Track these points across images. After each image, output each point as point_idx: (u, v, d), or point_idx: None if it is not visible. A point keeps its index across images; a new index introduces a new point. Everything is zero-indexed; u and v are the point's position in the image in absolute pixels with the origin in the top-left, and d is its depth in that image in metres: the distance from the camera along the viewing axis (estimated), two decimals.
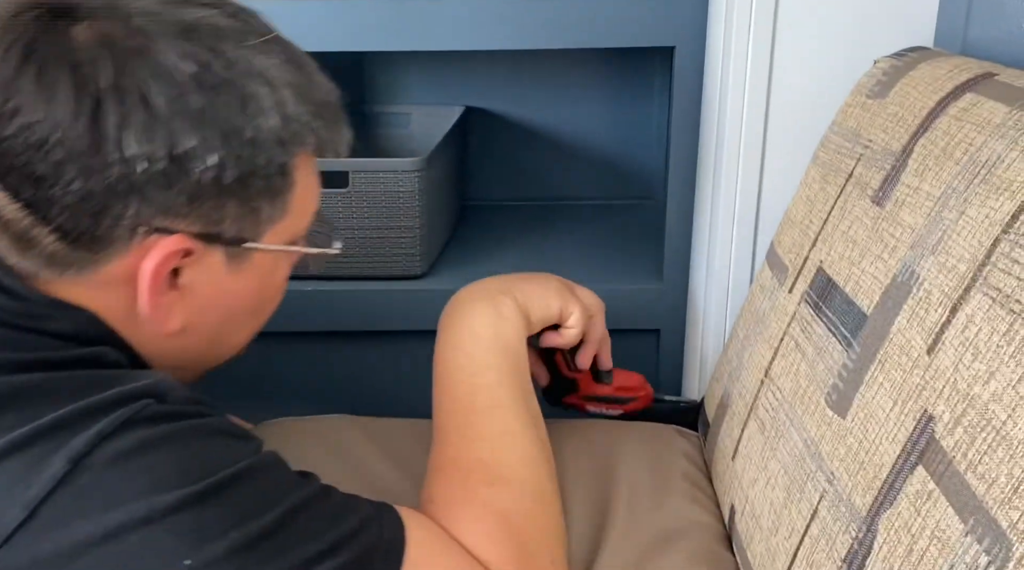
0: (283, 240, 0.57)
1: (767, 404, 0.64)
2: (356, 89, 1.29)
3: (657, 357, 1.04)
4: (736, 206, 0.88)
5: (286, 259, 0.60)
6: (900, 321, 0.49)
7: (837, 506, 0.50)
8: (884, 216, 0.56)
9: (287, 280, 0.63)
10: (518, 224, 1.24)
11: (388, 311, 1.02)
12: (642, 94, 1.29)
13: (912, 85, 0.61)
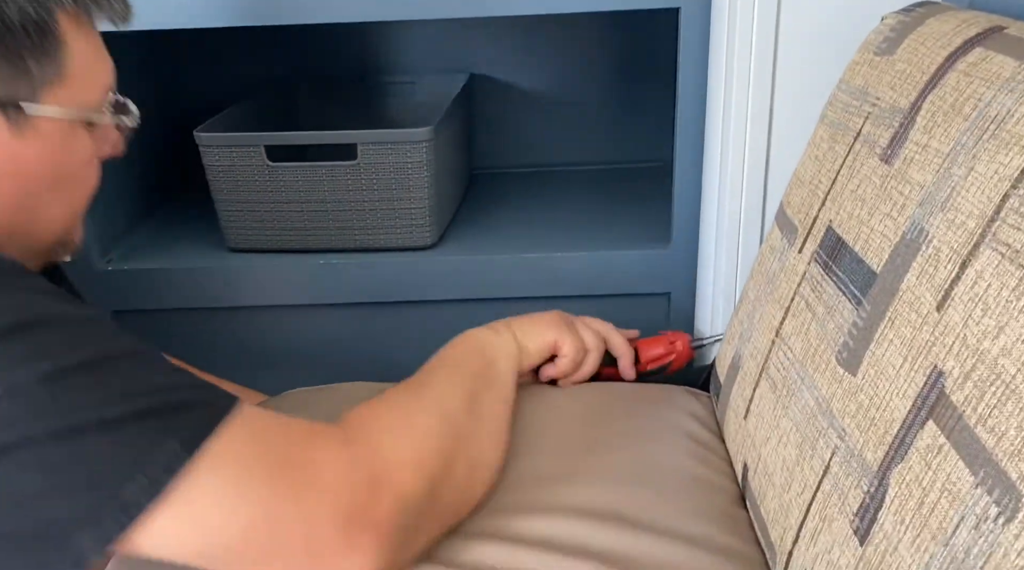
0: (68, 108, 0.58)
1: (778, 363, 0.65)
2: (361, 59, 1.29)
3: (668, 320, 1.05)
4: (744, 167, 0.88)
5: (81, 131, 0.61)
6: (909, 278, 0.50)
7: (849, 462, 0.51)
8: (893, 174, 0.56)
9: (96, 162, 0.64)
10: (526, 191, 1.24)
11: (400, 282, 1.03)
12: (647, 56, 1.28)
13: (920, 41, 0.60)
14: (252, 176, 1.00)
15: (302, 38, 1.28)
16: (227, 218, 1.04)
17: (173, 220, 1.18)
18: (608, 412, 0.79)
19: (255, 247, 1.05)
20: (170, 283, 1.04)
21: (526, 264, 1.02)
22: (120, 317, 1.06)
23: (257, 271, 1.03)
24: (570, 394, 0.83)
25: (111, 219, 1.09)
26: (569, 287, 1.03)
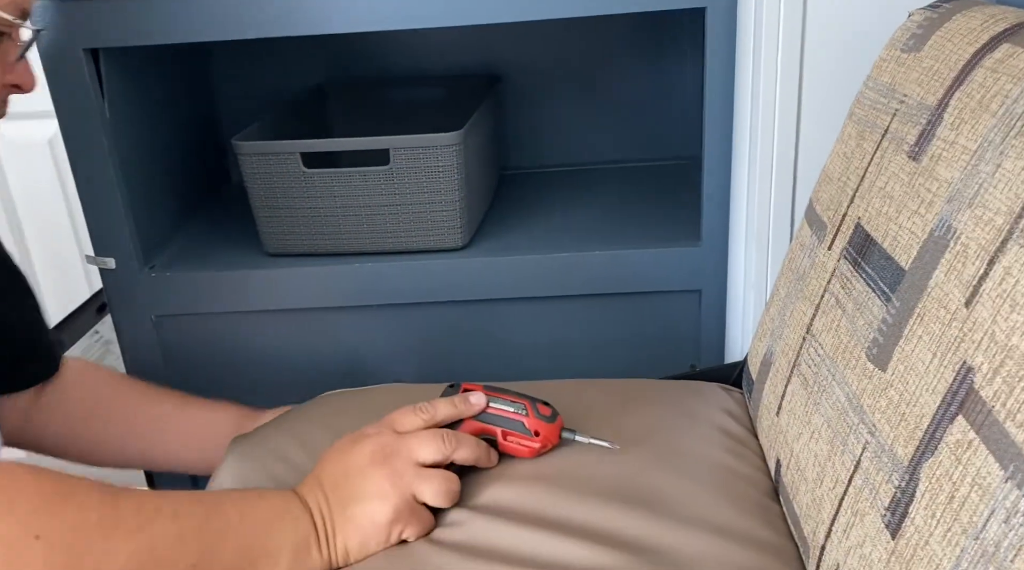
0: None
1: (809, 360, 0.66)
2: (391, 65, 1.31)
3: (699, 317, 1.05)
4: (773, 164, 0.88)
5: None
6: (938, 275, 0.50)
7: (879, 457, 0.52)
8: (920, 171, 0.56)
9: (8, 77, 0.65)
10: (555, 191, 1.26)
11: (432, 283, 1.05)
12: (674, 55, 1.28)
13: (947, 37, 0.61)
14: (288, 182, 1.02)
15: (333, 45, 1.30)
16: (264, 224, 1.06)
17: (212, 227, 1.21)
18: (641, 405, 0.80)
19: (292, 251, 1.07)
20: (210, 288, 1.07)
21: (557, 263, 1.04)
22: (162, 322, 1.09)
23: (294, 275, 1.05)
24: (603, 388, 0.84)
25: (153, 227, 1.12)
26: (600, 285, 1.04)
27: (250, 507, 0.60)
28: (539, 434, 0.69)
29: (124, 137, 1.05)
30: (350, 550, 0.61)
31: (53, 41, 0.96)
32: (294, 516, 0.60)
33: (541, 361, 1.10)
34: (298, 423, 0.83)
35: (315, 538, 0.60)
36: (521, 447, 0.70)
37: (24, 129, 1.38)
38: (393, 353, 1.10)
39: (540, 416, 0.70)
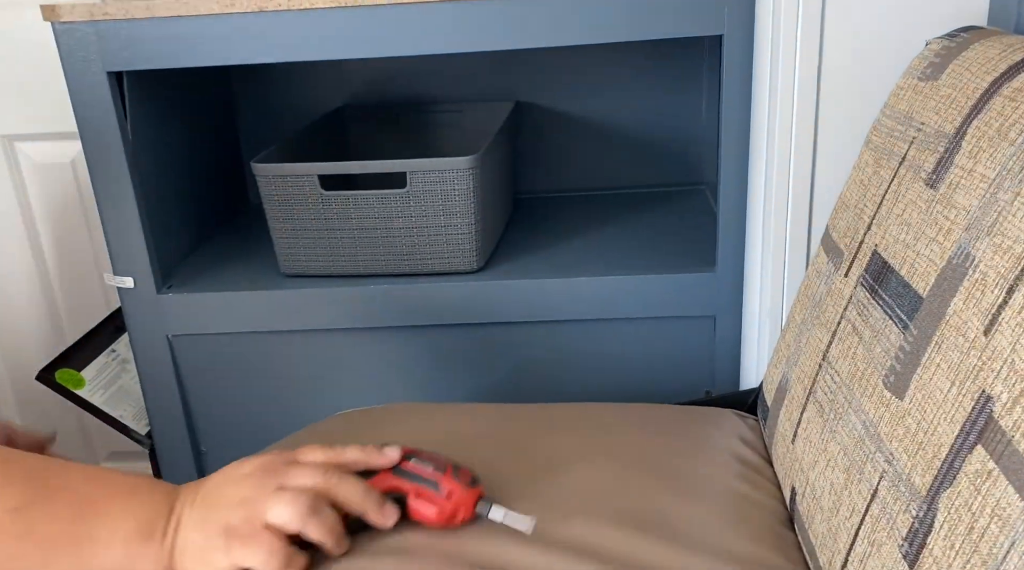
0: None
1: (825, 387, 0.65)
2: (409, 89, 1.32)
3: (714, 343, 1.05)
4: (790, 191, 0.88)
5: None
6: (956, 303, 0.50)
7: (897, 486, 0.51)
8: (938, 199, 0.56)
9: None
10: (570, 215, 1.26)
11: (447, 306, 1.05)
12: (690, 81, 1.29)
13: (965, 66, 0.61)
14: (306, 204, 1.03)
15: (353, 70, 1.32)
16: (281, 245, 1.07)
17: (229, 247, 1.22)
18: (655, 430, 0.80)
19: (308, 273, 1.08)
20: (226, 308, 1.07)
21: (571, 288, 1.04)
22: (178, 341, 1.10)
23: (309, 296, 1.06)
24: (617, 411, 0.84)
25: (171, 247, 1.13)
26: (614, 310, 1.04)
27: (104, 475, 0.59)
28: (452, 496, 0.64)
29: (145, 158, 1.06)
30: (185, 548, 0.57)
31: (79, 64, 0.97)
32: (148, 499, 0.58)
33: (554, 384, 1.10)
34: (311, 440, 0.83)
35: (162, 526, 0.57)
36: (430, 508, 0.64)
37: (48, 150, 1.40)
38: (407, 374, 1.10)
39: (458, 479, 0.65)
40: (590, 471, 0.72)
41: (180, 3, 0.94)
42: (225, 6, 0.93)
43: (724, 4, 0.89)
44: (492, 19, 0.92)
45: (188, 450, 1.15)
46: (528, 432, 0.80)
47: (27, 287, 1.50)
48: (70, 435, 1.58)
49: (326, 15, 0.93)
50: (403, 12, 0.92)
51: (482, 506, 0.65)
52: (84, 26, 0.96)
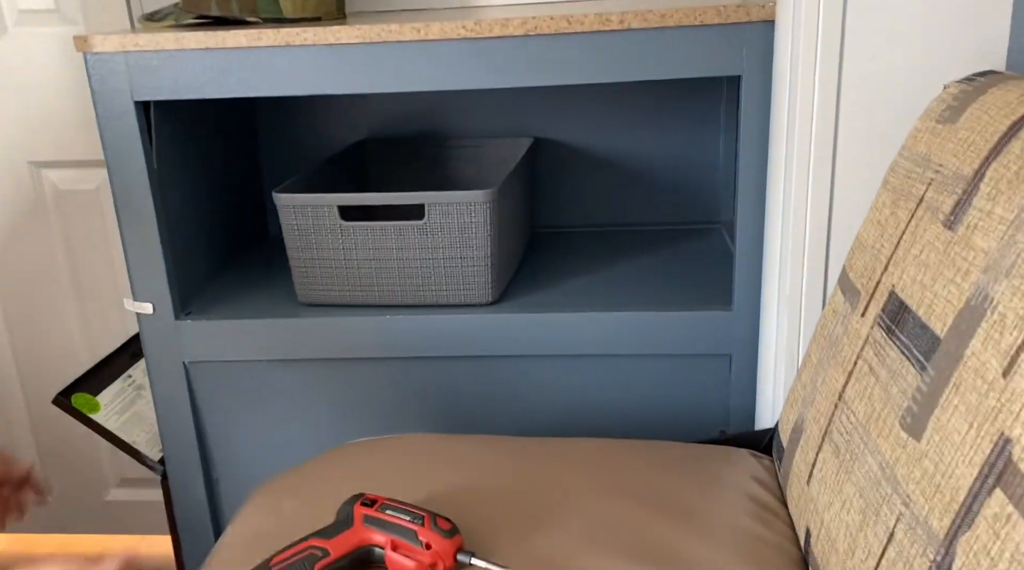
0: None
1: (841, 427, 0.65)
2: (430, 123, 1.34)
3: (729, 382, 1.04)
4: (807, 231, 0.88)
5: None
6: (974, 344, 0.50)
7: (914, 529, 0.51)
8: (956, 240, 0.56)
9: None
10: (586, 250, 1.26)
11: (461, 337, 1.05)
12: (708, 120, 1.30)
13: (983, 110, 0.61)
14: (325, 234, 1.04)
15: (374, 104, 1.34)
16: (300, 274, 1.08)
17: (248, 276, 1.23)
18: (669, 468, 0.79)
19: (325, 302, 1.09)
20: (243, 335, 1.08)
21: (585, 322, 1.04)
22: (195, 368, 1.10)
23: (325, 325, 1.07)
24: (630, 448, 0.83)
25: (191, 274, 1.14)
26: (628, 346, 1.04)
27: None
28: (431, 548, 0.63)
29: (169, 186, 1.08)
30: None
31: (108, 93, 1.00)
32: None
33: (567, 419, 1.09)
34: (322, 469, 0.84)
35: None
36: (409, 561, 0.63)
37: (73, 177, 1.43)
38: (420, 404, 1.10)
39: (437, 529, 0.64)
40: (602, 507, 0.72)
41: (209, 36, 0.96)
42: (253, 40, 0.96)
43: (743, 44, 0.91)
44: (512, 57, 0.93)
45: (200, 477, 1.15)
46: (540, 466, 0.80)
47: (47, 311, 1.51)
48: (83, 461, 1.59)
49: (351, 51, 0.95)
50: (425, 49, 0.94)
51: (463, 556, 0.64)
52: (115, 57, 0.98)
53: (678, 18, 0.90)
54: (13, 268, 1.49)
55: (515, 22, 0.92)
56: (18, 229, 1.47)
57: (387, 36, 0.94)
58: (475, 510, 0.72)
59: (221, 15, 1.06)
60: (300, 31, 0.95)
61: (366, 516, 0.66)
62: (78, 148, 1.41)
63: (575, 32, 0.92)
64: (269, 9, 1.05)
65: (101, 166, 1.41)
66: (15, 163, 1.43)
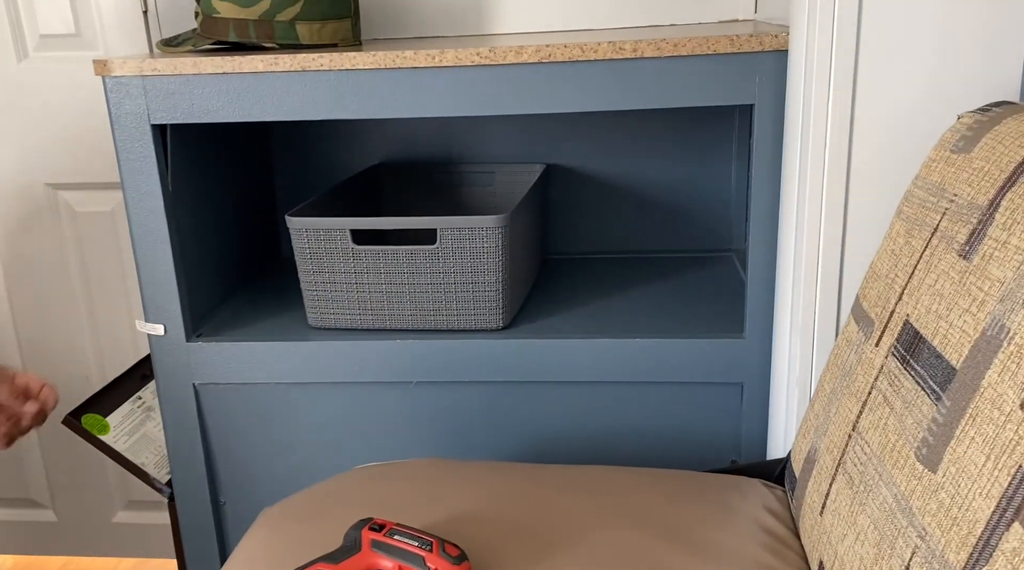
0: None
1: (855, 458, 0.64)
2: (443, 149, 1.35)
3: (740, 411, 1.04)
4: (820, 259, 0.88)
5: None
6: (991, 375, 0.49)
7: (930, 562, 0.50)
8: (971, 270, 0.56)
9: None
10: (597, 277, 1.26)
11: (472, 363, 1.05)
12: (719, 148, 1.31)
13: (998, 139, 0.61)
14: (337, 258, 1.05)
15: (387, 129, 1.35)
16: (311, 297, 1.08)
17: (259, 299, 1.24)
18: (680, 498, 0.78)
19: (335, 326, 1.09)
20: (253, 358, 1.08)
21: (596, 349, 1.03)
22: (205, 390, 1.10)
23: (336, 349, 1.07)
24: (640, 476, 0.82)
25: (203, 296, 1.15)
26: (639, 373, 1.03)
27: None
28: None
29: (183, 209, 1.09)
30: None
31: (126, 116, 1.01)
32: None
33: (577, 446, 1.08)
34: (331, 493, 0.83)
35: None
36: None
37: (89, 198, 1.44)
38: (429, 429, 1.10)
39: (445, 555, 0.63)
40: (612, 536, 0.71)
41: (226, 61, 0.97)
42: (269, 65, 0.97)
43: (756, 73, 0.91)
44: (526, 83, 0.94)
45: (207, 500, 1.14)
46: (550, 493, 0.79)
47: (60, 331, 1.52)
48: (91, 482, 1.59)
49: (366, 76, 0.96)
50: (440, 75, 0.95)
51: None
52: (133, 80, 0.99)
53: (691, 47, 0.91)
54: (28, 288, 1.50)
55: (529, 49, 0.93)
56: (34, 250, 1.48)
57: (402, 62, 0.95)
58: (484, 537, 0.71)
59: (238, 41, 1.08)
60: (316, 57, 0.96)
61: (374, 541, 0.66)
62: (94, 170, 1.42)
63: (589, 60, 0.92)
64: (286, 35, 1.07)
65: (117, 188, 1.43)
66: (33, 184, 1.44)
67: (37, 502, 1.62)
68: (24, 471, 1.60)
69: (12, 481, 1.61)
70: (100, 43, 1.37)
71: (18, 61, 1.38)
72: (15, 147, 1.42)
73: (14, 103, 1.40)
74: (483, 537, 0.71)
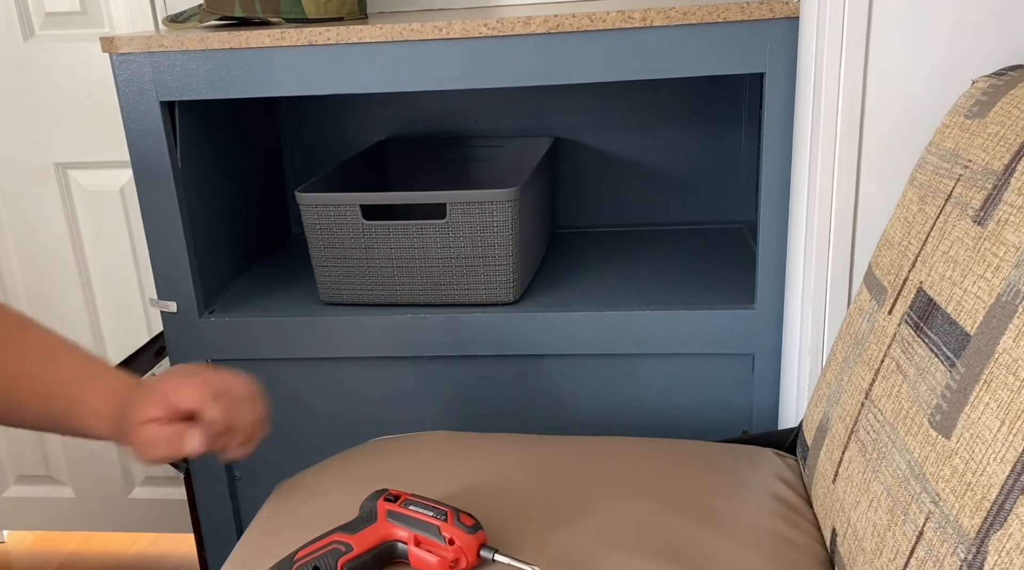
0: None
1: (868, 426, 0.64)
2: (451, 123, 1.34)
3: (752, 381, 1.04)
4: (832, 228, 0.87)
5: None
6: (1006, 341, 0.49)
7: (944, 528, 0.50)
8: (986, 236, 0.55)
9: None
10: (607, 250, 1.26)
11: (483, 336, 1.05)
12: (729, 119, 1.29)
13: (1013, 104, 0.60)
14: (347, 233, 1.05)
15: (397, 103, 1.34)
16: (322, 273, 1.08)
17: (271, 275, 1.24)
18: (692, 468, 0.79)
19: (347, 301, 1.09)
20: (266, 334, 1.09)
21: (607, 321, 1.03)
22: (219, 365, 1.11)
23: (348, 324, 1.07)
24: (653, 447, 0.83)
25: (215, 273, 1.15)
26: (649, 345, 1.04)
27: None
28: (454, 543, 0.63)
29: (193, 186, 1.09)
30: None
31: (134, 93, 1.01)
32: None
33: (590, 418, 1.09)
34: (346, 466, 0.84)
35: None
36: (432, 557, 0.63)
37: (99, 177, 1.44)
38: (441, 403, 1.10)
39: (460, 525, 0.64)
40: (625, 505, 0.71)
41: (233, 36, 0.97)
42: (276, 39, 0.96)
43: (767, 41, 0.90)
44: (533, 55, 0.93)
45: (223, 476, 1.15)
46: (563, 464, 0.80)
47: (72, 310, 1.53)
48: (108, 459, 1.60)
49: (373, 50, 0.96)
50: (447, 47, 0.94)
51: (486, 552, 0.64)
52: (140, 57, 0.99)
53: (701, 15, 0.90)
54: (40, 267, 1.51)
55: (537, 20, 0.92)
56: (45, 228, 1.49)
57: (409, 35, 0.94)
58: (498, 507, 0.72)
59: (244, 16, 1.07)
60: (323, 31, 0.95)
61: (389, 511, 0.67)
62: (104, 149, 1.43)
63: (597, 30, 0.91)
64: (291, 9, 1.06)
65: (126, 166, 1.43)
66: (42, 164, 1.45)
67: (56, 479, 1.64)
68: (43, 448, 1.62)
69: (31, 458, 1.63)
70: (106, 20, 1.36)
71: (24, 40, 1.38)
72: (24, 126, 1.42)
73: (22, 82, 1.40)
74: (497, 507, 0.72)
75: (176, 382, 0.69)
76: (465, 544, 0.63)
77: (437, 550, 0.64)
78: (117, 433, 0.69)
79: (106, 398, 0.71)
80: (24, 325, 0.74)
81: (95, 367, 0.74)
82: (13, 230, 1.49)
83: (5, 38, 1.38)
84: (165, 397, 0.68)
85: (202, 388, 0.68)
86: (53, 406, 0.71)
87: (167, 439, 0.66)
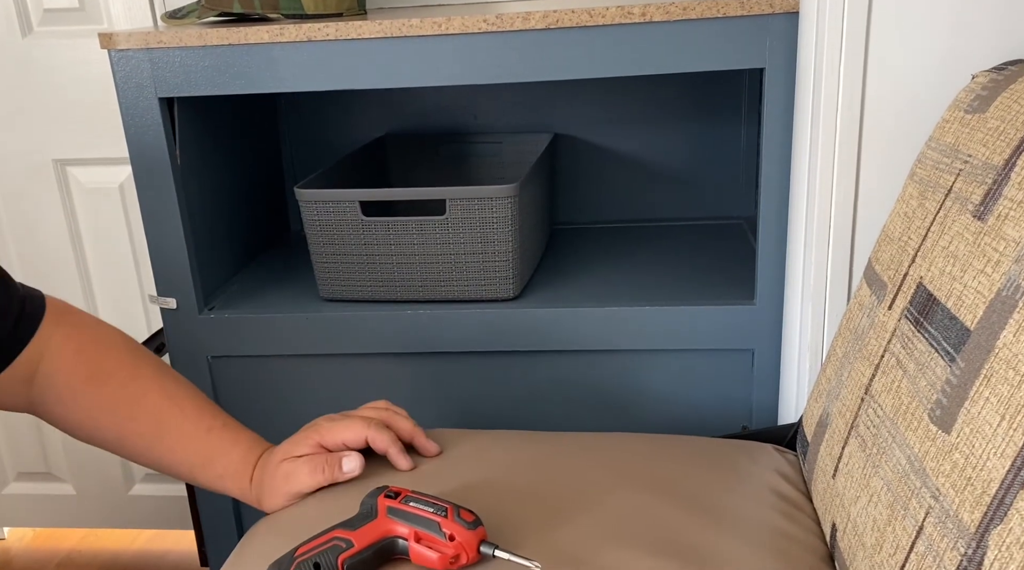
0: None
1: (868, 421, 0.64)
2: (450, 119, 1.34)
3: (751, 377, 1.04)
4: (831, 224, 0.87)
5: None
6: (1006, 335, 0.49)
7: (944, 522, 0.50)
8: (986, 230, 0.55)
9: None
10: (607, 245, 1.26)
11: (483, 333, 1.05)
12: (728, 114, 1.29)
13: (1013, 99, 0.60)
14: (347, 230, 1.05)
15: (396, 99, 1.34)
16: (322, 269, 1.08)
17: (270, 271, 1.24)
18: (692, 463, 0.79)
19: (347, 297, 1.09)
20: (265, 330, 1.09)
21: (606, 317, 1.03)
22: (218, 362, 1.11)
23: (348, 321, 1.07)
24: (652, 443, 0.83)
25: (214, 269, 1.15)
26: (649, 341, 1.04)
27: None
28: (454, 539, 0.63)
29: (193, 182, 1.09)
30: None
31: (132, 90, 1.00)
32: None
33: (590, 414, 1.09)
34: None
35: None
36: (432, 553, 0.63)
37: (98, 174, 1.44)
38: (442, 399, 1.10)
39: (460, 521, 0.64)
40: (625, 501, 0.72)
41: (231, 32, 0.97)
42: (275, 35, 0.96)
43: (766, 36, 0.90)
44: (532, 51, 0.93)
45: None
46: (563, 460, 0.80)
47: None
48: (109, 455, 1.60)
49: (372, 45, 0.95)
50: (446, 43, 0.94)
51: (486, 548, 0.64)
52: (139, 53, 0.99)
53: (700, 10, 0.89)
54: (39, 264, 1.51)
55: (537, 15, 0.92)
56: (44, 225, 1.49)
57: (408, 31, 0.94)
58: (498, 503, 0.72)
59: (242, 12, 1.07)
60: (321, 26, 0.95)
61: (390, 508, 0.67)
62: (103, 146, 1.42)
63: (596, 25, 0.91)
64: (290, 5, 1.06)
65: (125, 163, 1.43)
66: (41, 161, 1.44)
67: (56, 476, 1.64)
68: (43, 445, 1.62)
69: (31, 455, 1.64)
70: (104, 17, 1.36)
71: (23, 36, 1.38)
72: (23, 123, 1.42)
73: (20, 79, 1.40)
74: (497, 503, 0.72)
75: (328, 426, 0.78)
76: (465, 540, 0.64)
77: (437, 546, 0.64)
78: (252, 490, 0.79)
79: (243, 457, 0.81)
80: (170, 395, 0.84)
81: (225, 442, 0.83)
82: (12, 227, 1.49)
83: (3, 35, 1.37)
84: (318, 438, 0.78)
85: (362, 426, 0.78)
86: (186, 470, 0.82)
87: (324, 462, 0.76)
